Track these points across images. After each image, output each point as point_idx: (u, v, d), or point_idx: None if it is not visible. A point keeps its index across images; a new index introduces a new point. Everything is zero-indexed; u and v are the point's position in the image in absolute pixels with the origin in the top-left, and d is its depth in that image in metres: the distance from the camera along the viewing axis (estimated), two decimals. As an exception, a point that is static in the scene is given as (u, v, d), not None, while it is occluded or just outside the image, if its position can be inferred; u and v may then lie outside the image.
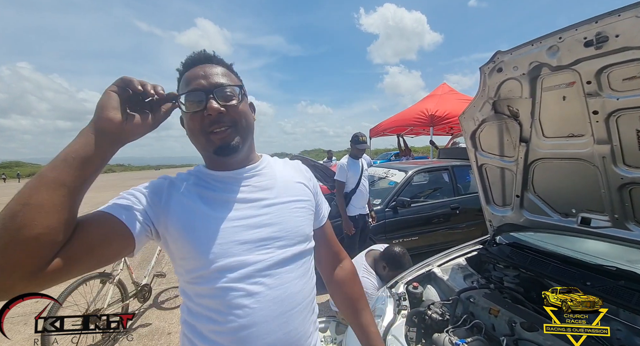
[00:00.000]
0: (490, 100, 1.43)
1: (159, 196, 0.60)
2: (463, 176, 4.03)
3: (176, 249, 0.60)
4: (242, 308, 0.57)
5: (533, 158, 1.44)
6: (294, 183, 0.72)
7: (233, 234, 0.59)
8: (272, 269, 0.61)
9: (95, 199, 13.46)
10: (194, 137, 0.62)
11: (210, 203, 0.62)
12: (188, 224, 0.59)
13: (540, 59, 1.15)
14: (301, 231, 0.68)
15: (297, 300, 0.63)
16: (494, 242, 1.80)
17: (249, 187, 0.66)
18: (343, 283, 0.81)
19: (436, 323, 1.29)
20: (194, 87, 0.59)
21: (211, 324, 0.58)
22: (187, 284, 0.61)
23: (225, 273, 0.57)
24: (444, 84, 7.41)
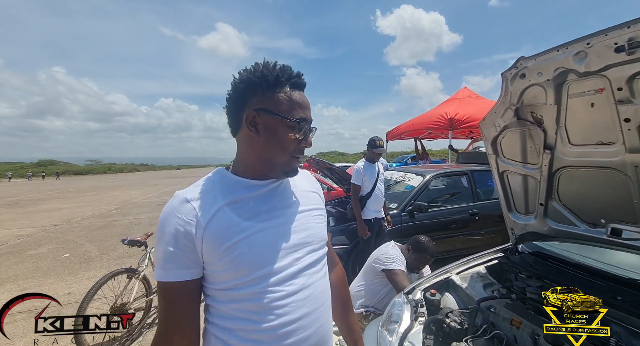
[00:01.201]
0: (512, 106, 1.40)
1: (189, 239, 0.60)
2: (483, 181, 3.92)
3: (212, 264, 0.62)
4: (281, 308, 0.62)
5: (558, 166, 1.39)
6: (310, 192, 0.79)
7: (270, 243, 0.64)
8: (304, 271, 0.67)
9: (120, 197, 14.02)
10: (282, 152, 0.66)
11: (243, 215, 0.64)
12: (228, 241, 0.60)
13: (567, 65, 1.12)
14: (323, 236, 0.75)
15: (324, 297, 0.71)
16: (515, 251, 1.75)
17: (277, 197, 0.70)
18: (336, 286, 0.87)
19: (455, 331, 1.28)
20: (304, 117, 0.66)
21: (250, 324, 0.61)
22: (218, 291, 0.63)
23: (264, 279, 0.62)
24: (465, 88, 7.24)
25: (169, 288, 0.60)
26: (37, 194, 15.89)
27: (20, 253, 4.90)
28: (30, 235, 6.18)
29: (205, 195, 0.64)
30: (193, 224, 0.60)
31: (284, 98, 0.64)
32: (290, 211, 0.70)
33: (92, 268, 4.09)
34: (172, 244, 0.59)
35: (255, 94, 0.64)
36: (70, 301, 3.09)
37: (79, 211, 9.40)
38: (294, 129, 0.65)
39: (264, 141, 0.65)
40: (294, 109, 0.64)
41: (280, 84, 0.64)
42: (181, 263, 0.60)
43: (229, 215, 0.62)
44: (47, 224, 7.34)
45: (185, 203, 0.62)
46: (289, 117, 0.64)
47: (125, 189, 17.49)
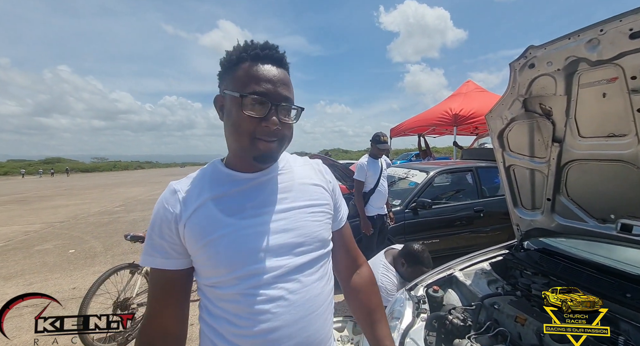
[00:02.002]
0: (520, 98, 1.36)
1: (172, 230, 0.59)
2: (489, 178, 3.86)
3: (195, 257, 0.61)
4: (264, 314, 0.57)
5: (567, 159, 1.35)
6: (312, 185, 0.70)
7: (251, 242, 0.59)
8: (292, 275, 0.60)
9: (125, 194, 14.18)
10: (238, 135, 0.58)
11: (226, 210, 0.60)
12: (206, 237, 0.58)
13: (578, 53, 1.07)
14: (320, 236, 0.66)
15: (317, 303, 0.63)
16: (521, 247, 1.71)
17: (267, 190, 0.64)
18: (360, 291, 0.78)
19: (457, 328, 1.25)
20: (261, 91, 0.56)
21: (232, 327, 0.58)
22: (205, 286, 0.62)
23: (245, 280, 0.57)
24: (469, 82, 7.12)
25: (154, 274, 0.61)
26: (45, 191, 16.11)
27: (28, 249, 4.97)
28: (37, 231, 6.27)
29: (193, 187, 0.63)
30: (175, 215, 0.59)
31: (241, 74, 0.58)
32: (280, 206, 0.63)
33: (97, 263, 4.13)
34: (158, 233, 0.60)
35: (223, 76, 0.61)
36: (75, 296, 3.12)
37: (85, 207, 9.51)
38: (248, 106, 0.56)
39: (226, 125, 0.61)
40: (248, 83, 0.56)
41: (241, 59, 0.58)
42: (165, 252, 0.60)
43: (211, 210, 0.60)
44: (54, 220, 7.44)
45: (173, 193, 0.62)
46: (239, 92, 0.56)
47: (130, 187, 17.65)
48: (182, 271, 0.61)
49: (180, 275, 0.61)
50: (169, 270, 0.60)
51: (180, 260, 0.61)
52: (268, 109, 0.57)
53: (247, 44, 0.59)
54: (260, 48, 0.58)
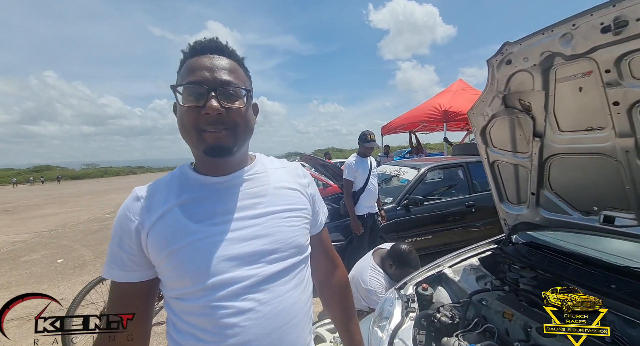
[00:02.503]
0: (499, 94, 1.36)
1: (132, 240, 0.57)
2: (480, 173, 3.89)
3: (159, 268, 0.57)
4: (232, 327, 0.53)
5: (548, 154, 1.36)
6: (288, 189, 0.66)
7: (220, 250, 0.55)
8: (264, 285, 0.57)
9: (116, 200, 13.94)
10: (185, 131, 0.56)
11: (194, 217, 0.57)
12: (171, 246, 0.55)
13: (553, 48, 1.08)
14: (295, 242, 0.63)
15: (292, 313, 0.59)
16: (509, 241, 1.72)
17: (239, 195, 0.60)
18: (337, 291, 0.81)
19: (445, 326, 1.25)
20: (196, 79, 0.54)
21: (198, 343, 0.54)
22: (171, 298, 0.58)
23: (212, 291, 0.54)
24: (460, 81, 7.19)
25: (117, 287, 0.59)
26: (34, 200, 15.76)
27: (15, 260, 4.84)
28: (24, 241, 6.12)
29: (158, 193, 0.59)
30: (137, 224, 0.56)
31: (182, 72, 0.57)
32: (254, 212, 0.60)
33: (85, 272, 4.04)
34: (117, 243, 0.57)
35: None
36: (64, 307, 3.05)
37: (74, 215, 9.32)
38: (185, 97, 0.55)
39: (178, 125, 0.58)
40: (185, 76, 0.56)
41: (185, 59, 0.58)
42: (123, 264, 0.57)
43: (177, 217, 0.56)
44: (42, 229, 7.27)
45: (135, 200, 0.58)
46: (176, 85, 0.56)
47: (121, 192, 17.36)
48: (142, 284, 0.58)
49: (139, 288, 0.58)
50: (128, 283, 0.57)
51: (140, 272, 0.58)
52: (205, 96, 0.54)
53: (189, 44, 0.58)
54: (197, 43, 0.57)
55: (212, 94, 0.53)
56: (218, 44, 0.58)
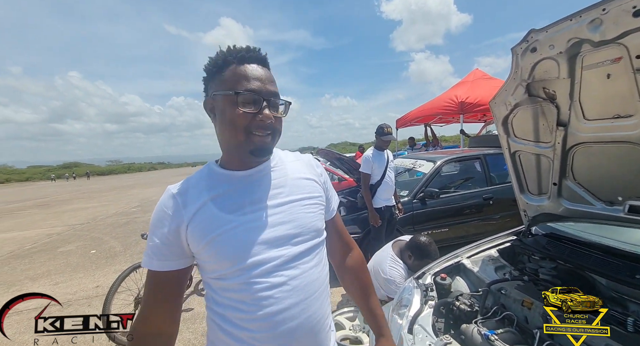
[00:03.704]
0: (523, 82, 1.34)
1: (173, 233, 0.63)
2: (498, 165, 3.81)
3: (199, 255, 0.65)
4: (267, 299, 0.62)
5: (572, 143, 1.33)
6: (304, 179, 0.75)
7: (252, 236, 0.63)
8: (291, 263, 0.66)
9: (140, 195, 14.53)
10: (234, 131, 0.62)
11: (226, 208, 0.64)
12: (209, 235, 0.62)
13: (581, 34, 1.05)
14: (314, 226, 0.71)
15: (314, 287, 0.68)
16: (529, 233, 1.71)
17: (262, 187, 0.68)
18: (354, 271, 0.87)
19: (464, 313, 1.28)
20: (253, 88, 0.61)
21: (239, 313, 0.63)
22: (210, 279, 0.66)
23: (248, 270, 0.62)
24: (477, 70, 6.95)
25: (153, 275, 0.64)
26: (65, 195, 16.73)
27: (52, 250, 5.22)
28: (59, 233, 6.56)
29: (191, 190, 0.66)
30: (177, 219, 0.63)
31: (229, 75, 0.62)
32: (276, 201, 0.68)
33: (116, 262, 4.31)
34: (159, 236, 0.63)
35: (209, 81, 0.65)
36: (99, 294, 3.29)
37: (103, 209, 9.85)
38: (242, 103, 0.61)
39: (219, 125, 0.65)
40: (238, 82, 0.61)
41: (227, 63, 0.63)
42: (164, 255, 0.64)
43: (211, 210, 0.64)
44: (75, 222, 7.76)
45: (172, 198, 0.65)
46: (229, 91, 0.61)
47: (144, 187, 18.12)
48: (178, 272, 0.65)
49: (173, 276, 0.65)
50: (164, 271, 0.64)
51: (176, 261, 0.65)
52: (261, 104, 0.62)
53: (230, 49, 0.64)
54: (244, 51, 0.63)
55: (264, 103, 0.63)
56: (261, 55, 0.65)
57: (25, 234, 6.69)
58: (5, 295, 3.49)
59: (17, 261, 4.75)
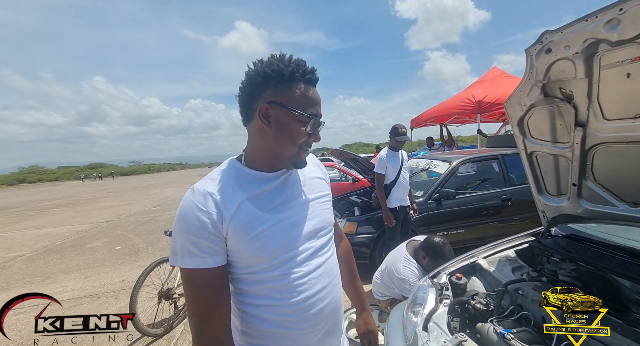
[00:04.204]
0: (539, 83, 1.34)
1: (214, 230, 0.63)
2: (517, 165, 3.71)
3: (237, 252, 0.67)
4: (302, 285, 0.71)
5: (592, 143, 1.31)
6: (317, 178, 0.84)
7: (288, 232, 0.71)
8: (318, 253, 0.76)
9: (160, 194, 15.05)
10: (290, 145, 0.69)
11: (262, 207, 0.69)
12: (251, 232, 0.66)
13: (597, 35, 1.05)
14: (330, 221, 0.83)
15: (335, 272, 0.81)
16: (547, 234, 1.69)
17: (288, 188, 0.76)
18: (344, 258, 1.01)
19: (480, 312, 1.29)
20: (317, 113, 0.70)
21: (276, 301, 0.69)
22: (245, 275, 0.69)
23: (286, 263, 0.70)
24: (495, 68, 6.77)
25: (200, 274, 0.63)
26: (91, 194, 17.62)
27: (81, 246, 5.55)
28: (87, 230, 6.95)
29: (224, 189, 0.67)
30: (218, 216, 0.63)
31: (298, 93, 0.66)
32: (301, 200, 0.76)
33: (140, 258, 4.53)
34: (197, 234, 0.62)
35: (269, 86, 0.65)
36: (124, 287, 3.48)
37: (126, 208, 10.32)
38: (305, 124, 0.68)
39: (275, 133, 0.68)
40: (306, 104, 0.67)
41: (295, 79, 0.65)
42: (210, 250, 0.64)
43: (250, 208, 0.67)
44: (101, 220, 8.18)
45: (206, 196, 0.65)
46: (301, 112, 0.66)
47: (164, 187, 18.79)
48: (224, 267, 0.67)
49: (224, 271, 0.67)
50: (218, 267, 0.65)
51: (222, 257, 0.66)
52: (316, 127, 0.72)
53: (296, 63, 0.66)
54: (310, 72, 0.68)
55: (320, 128, 0.74)
56: (318, 78, 0.71)
57: (56, 231, 7.13)
58: (41, 286, 3.76)
59: (50, 255, 5.08)
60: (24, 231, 7.39)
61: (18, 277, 4.10)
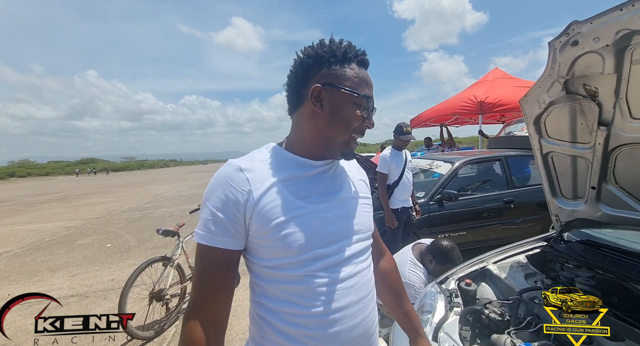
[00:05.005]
0: (561, 79, 1.26)
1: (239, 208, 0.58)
2: (519, 168, 3.67)
3: (259, 238, 0.60)
4: (328, 294, 0.60)
5: (616, 144, 1.24)
6: (359, 180, 0.76)
7: (319, 226, 0.61)
8: (352, 260, 0.64)
9: (153, 191, 14.86)
10: (343, 129, 0.63)
11: (296, 193, 0.62)
12: (279, 218, 0.58)
13: (632, 25, 0.97)
14: (370, 226, 0.72)
15: (370, 287, 0.67)
16: (561, 239, 1.61)
17: (328, 179, 0.68)
18: (387, 275, 0.85)
19: (495, 323, 1.21)
20: (369, 94, 0.64)
21: (296, 308, 0.59)
22: (265, 269, 0.61)
23: (312, 262, 0.60)
24: (497, 69, 6.75)
25: (210, 252, 0.58)
26: (82, 190, 17.28)
27: (70, 243, 5.37)
28: (77, 227, 6.75)
29: (259, 168, 0.62)
30: (245, 194, 0.58)
31: (351, 74, 0.62)
32: (341, 196, 0.67)
33: (131, 256, 4.38)
34: (221, 210, 0.58)
35: (321, 68, 0.62)
36: (114, 287, 3.34)
37: (118, 204, 10.10)
38: (360, 106, 0.62)
39: (328, 116, 0.63)
40: (360, 85, 0.63)
41: (348, 59, 0.63)
42: (227, 230, 0.58)
43: (282, 192, 0.60)
44: (91, 216, 7.98)
45: (239, 171, 0.60)
46: (356, 92, 0.62)
47: (157, 184, 18.52)
48: (237, 253, 0.61)
49: (236, 257, 0.61)
50: (230, 250, 0.59)
51: (239, 241, 0.60)
52: (370, 111, 0.65)
53: (348, 44, 0.64)
54: (362, 54, 0.64)
55: (374, 111, 0.66)
56: (369, 61, 0.66)
57: (45, 227, 6.92)
58: (27, 284, 3.60)
59: (37, 252, 4.90)
60: (11, 227, 7.15)
61: (4, 274, 3.94)
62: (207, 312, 0.57)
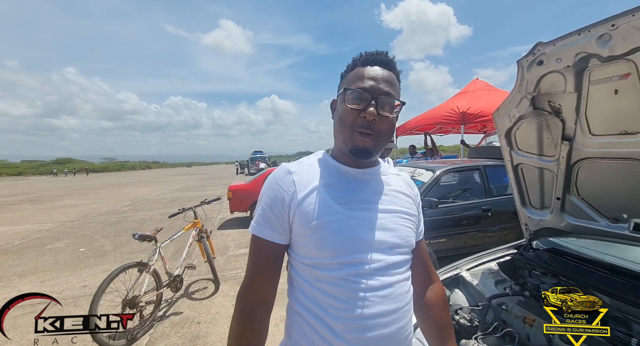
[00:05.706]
0: (528, 95, 1.33)
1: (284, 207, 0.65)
2: (497, 177, 3.81)
3: (300, 236, 0.65)
4: (363, 300, 0.61)
5: (577, 158, 1.32)
6: (403, 194, 0.74)
7: (357, 233, 0.63)
8: (389, 270, 0.65)
9: (133, 193, 14.37)
10: (341, 128, 0.66)
11: (335, 199, 0.65)
12: (318, 219, 0.63)
13: (589, 49, 1.05)
14: (411, 241, 0.71)
15: (407, 299, 0.67)
16: (530, 247, 1.69)
17: (370, 189, 0.69)
18: (432, 307, 0.77)
19: (464, 328, 1.24)
20: (361, 86, 0.63)
21: (329, 309, 0.61)
22: (303, 266, 0.65)
23: (348, 267, 0.62)
24: (477, 80, 7.02)
25: (259, 242, 0.66)
26: (56, 191, 16.48)
27: (40, 247, 5.10)
28: (49, 230, 6.42)
29: (306, 171, 0.69)
30: (290, 195, 0.65)
31: (350, 76, 0.67)
32: (380, 206, 0.68)
33: (106, 261, 4.21)
34: (270, 206, 0.66)
35: (340, 84, 0.71)
36: (86, 293, 3.19)
37: (94, 207, 9.70)
38: (350, 99, 0.64)
39: (334, 121, 0.69)
40: (354, 81, 0.65)
41: (355, 66, 0.67)
42: (273, 225, 0.65)
43: (323, 195, 0.65)
44: (65, 219, 7.61)
45: (288, 174, 0.67)
46: (348, 88, 0.64)
47: (138, 186, 17.92)
48: (283, 246, 0.67)
49: (281, 249, 0.67)
50: (275, 243, 0.65)
51: (284, 236, 0.66)
52: (367, 102, 0.62)
53: (362, 53, 0.68)
54: (369, 54, 0.67)
55: (372, 102, 0.62)
56: (386, 58, 0.66)
57: (15, 229, 6.54)
58: (-11, 292, 3.38)
59: (5, 256, 4.62)
60: (-25, 229, 6.73)
61: (-37, 280, 3.69)
62: (254, 294, 0.65)
